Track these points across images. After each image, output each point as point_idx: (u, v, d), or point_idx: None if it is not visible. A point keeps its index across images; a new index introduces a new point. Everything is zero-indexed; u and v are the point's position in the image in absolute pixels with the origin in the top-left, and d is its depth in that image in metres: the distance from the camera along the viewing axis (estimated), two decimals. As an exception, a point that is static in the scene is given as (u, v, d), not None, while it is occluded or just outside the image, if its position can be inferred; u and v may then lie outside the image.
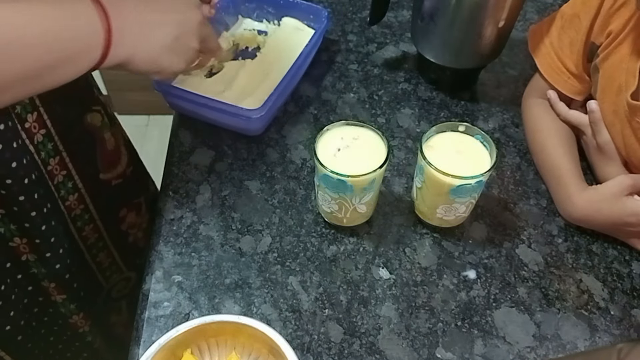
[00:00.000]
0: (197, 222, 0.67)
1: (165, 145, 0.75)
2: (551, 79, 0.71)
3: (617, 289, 0.62)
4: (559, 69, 0.71)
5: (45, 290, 0.70)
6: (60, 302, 0.72)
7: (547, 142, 0.70)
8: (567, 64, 0.70)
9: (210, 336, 0.53)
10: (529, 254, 0.65)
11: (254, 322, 0.51)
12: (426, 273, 0.63)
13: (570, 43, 0.69)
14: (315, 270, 0.63)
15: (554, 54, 0.71)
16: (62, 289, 0.71)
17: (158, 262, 0.63)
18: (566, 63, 0.70)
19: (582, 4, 0.68)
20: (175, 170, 0.72)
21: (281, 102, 0.76)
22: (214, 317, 0.52)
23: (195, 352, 0.53)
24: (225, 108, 0.69)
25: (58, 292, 0.71)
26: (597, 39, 0.66)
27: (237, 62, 0.81)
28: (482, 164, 0.59)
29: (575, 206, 0.65)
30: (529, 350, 0.57)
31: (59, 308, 0.73)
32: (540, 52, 0.73)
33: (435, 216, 0.64)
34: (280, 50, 0.80)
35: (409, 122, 0.78)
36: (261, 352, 0.53)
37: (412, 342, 0.58)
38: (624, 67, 0.62)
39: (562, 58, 0.70)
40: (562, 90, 0.71)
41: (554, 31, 0.71)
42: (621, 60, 0.63)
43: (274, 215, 0.68)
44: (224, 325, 0.52)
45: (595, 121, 0.66)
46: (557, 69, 0.71)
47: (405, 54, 0.87)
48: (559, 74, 0.71)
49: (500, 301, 0.61)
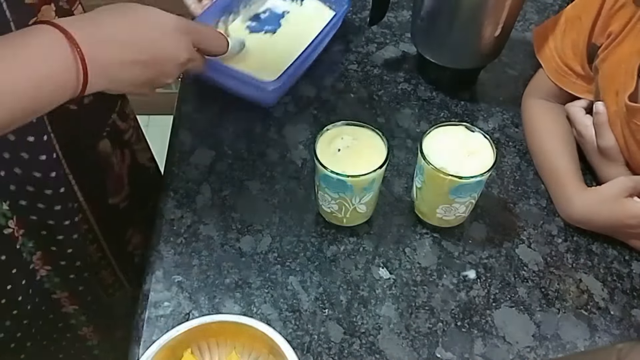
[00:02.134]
0: (197, 222, 0.67)
1: (165, 145, 0.75)
2: (559, 82, 0.72)
3: (617, 289, 0.62)
4: (564, 71, 0.71)
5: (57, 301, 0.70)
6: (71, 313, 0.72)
7: (546, 142, 0.70)
8: (572, 65, 0.70)
9: (210, 336, 0.53)
10: (529, 254, 0.65)
11: (254, 322, 0.51)
12: (426, 273, 0.63)
13: (572, 45, 0.69)
14: (315, 270, 0.63)
15: (557, 57, 0.71)
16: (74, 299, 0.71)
17: (158, 262, 0.63)
18: (571, 65, 0.70)
19: (583, 6, 0.68)
20: (175, 170, 0.72)
21: (296, 77, 0.80)
22: (214, 317, 0.52)
23: (196, 352, 0.53)
24: (243, 77, 0.72)
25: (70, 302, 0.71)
26: (598, 40, 0.66)
27: (258, 36, 0.84)
28: (482, 163, 0.59)
29: (574, 207, 0.65)
30: (529, 350, 0.57)
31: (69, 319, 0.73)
32: (546, 55, 0.73)
33: (435, 216, 0.64)
34: (300, 28, 0.83)
35: (409, 122, 0.78)
36: (261, 352, 0.53)
37: (412, 342, 0.58)
38: (623, 68, 0.62)
39: (566, 60, 0.70)
40: (572, 92, 0.71)
41: (558, 34, 0.71)
42: (620, 60, 0.63)
43: (274, 215, 0.68)
44: (224, 325, 0.52)
45: (599, 124, 0.65)
46: (563, 71, 0.71)
47: (405, 54, 0.87)
48: (566, 76, 0.71)
49: (500, 301, 0.61)
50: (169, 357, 0.51)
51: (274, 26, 0.85)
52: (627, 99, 0.61)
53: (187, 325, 0.51)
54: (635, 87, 0.61)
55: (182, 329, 0.51)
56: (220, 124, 0.77)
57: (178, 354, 0.52)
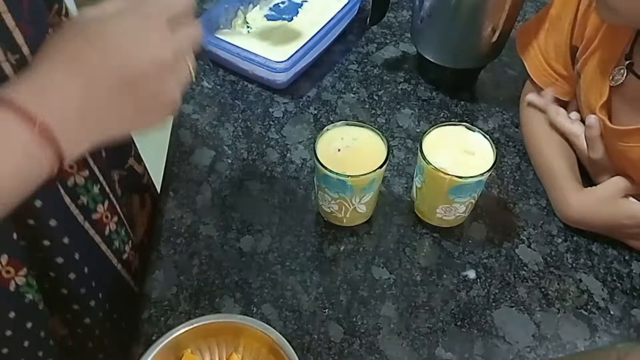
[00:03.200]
0: (197, 222, 0.67)
1: (165, 145, 0.75)
2: (540, 82, 0.71)
3: (617, 289, 0.62)
4: (546, 71, 0.70)
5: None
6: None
7: (543, 144, 0.70)
8: (555, 66, 0.69)
9: (210, 336, 0.53)
10: (529, 254, 0.65)
11: (254, 322, 0.51)
12: (426, 273, 0.63)
13: (555, 45, 0.69)
14: (315, 270, 0.63)
15: (541, 57, 0.70)
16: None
17: (158, 262, 0.63)
18: (553, 65, 0.69)
19: (562, 6, 0.67)
20: (175, 170, 0.72)
21: (308, 61, 0.82)
22: (214, 316, 0.52)
23: (196, 352, 0.53)
24: (255, 59, 0.77)
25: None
26: (577, 41, 0.66)
27: (275, 23, 0.87)
28: (482, 163, 0.59)
29: (571, 208, 0.65)
30: (529, 350, 0.57)
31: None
32: (529, 54, 0.72)
33: (435, 216, 0.64)
34: (317, 16, 0.87)
35: (409, 122, 0.78)
36: (261, 352, 0.53)
37: (412, 342, 0.58)
38: (599, 75, 0.62)
39: (549, 60, 0.70)
40: (555, 94, 0.70)
41: (541, 33, 0.70)
42: (595, 69, 0.63)
43: (274, 215, 0.68)
44: (224, 325, 0.52)
45: (591, 137, 0.64)
46: (545, 71, 0.70)
47: (405, 54, 0.87)
48: (547, 77, 0.70)
49: (500, 301, 0.61)
50: (169, 357, 0.51)
51: (292, 14, 0.89)
52: (598, 111, 0.61)
53: (186, 325, 0.51)
54: (607, 97, 0.61)
55: (181, 329, 0.51)
56: (220, 124, 0.77)
57: (178, 354, 0.52)
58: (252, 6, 0.89)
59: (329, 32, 0.82)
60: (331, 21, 0.81)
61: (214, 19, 0.84)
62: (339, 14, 0.82)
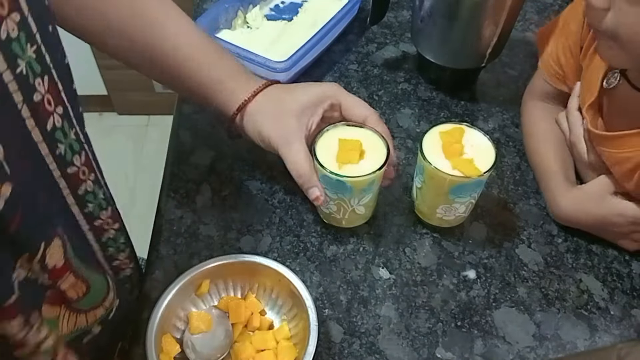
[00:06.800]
0: (197, 222, 0.67)
1: (165, 145, 0.75)
2: (554, 83, 0.72)
3: (617, 289, 0.62)
4: (557, 73, 0.71)
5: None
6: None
7: (540, 145, 0.70)
8: (566, 70, 0.70)
9: (227, 275, 0.58)
10: (529, 254, 0.65)
11: (269, 262, 0.57)
12: (426, 273, 0.63)
13: (563, 49, 0.69)
14: (315, 270, 0.63)
15: (552, 60, 0.71)
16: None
17: (158, 262, 0.63)
18: (564, 67, 0.70)
19: (570, 10, 0.68)
20: (175, 170, 0.72)
21: (308, 61, 0.82)
22: (231, 256, 0.57)
23: (213, 289, 0.58)
24: (255, 58, 0.76)
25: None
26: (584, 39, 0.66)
27: (275, 23, 0.88)
28: (482, 163, 0.59)
29: (560, 206, 0.65)
30: (529, 350, 0.57)
31: None
32: (543, 57, 0.73)
33: (435, 216, 0.64)
34: (317, 16, 0.87)
35: (409, 122, 0.78)
36: (274, 291, 0.58)
37: (412, 342, 0.58)
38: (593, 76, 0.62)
39: (561, 63, 0.70)
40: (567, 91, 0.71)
41: (555, 35, 0.71)
42: (593, 67, 0.63)
43: (274, 215, 0.68)
44: (240, 264, 0.57)
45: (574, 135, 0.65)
46: (556, 73, 0.71)
47: (405, 54, 0.87)
48: (559, 77, 0.71)
49: (500, 301, 0.61)
50: (188, 293, 0.57)
51: (292, 14, 0.89)
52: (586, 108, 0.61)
53: (203, 265, 0.56)
54: (598, 99, 0.61)
55: (199, 268, 0.56)
56: (220, 124, 0.77)
57: (196, 292, 0.57)
58: (252, 6, 0.89)
59: (329, 32, 0.82)
60: (331, 21, 0.81)
61: (214, 19, 0.84)
62: (339, 14, 0.82)
